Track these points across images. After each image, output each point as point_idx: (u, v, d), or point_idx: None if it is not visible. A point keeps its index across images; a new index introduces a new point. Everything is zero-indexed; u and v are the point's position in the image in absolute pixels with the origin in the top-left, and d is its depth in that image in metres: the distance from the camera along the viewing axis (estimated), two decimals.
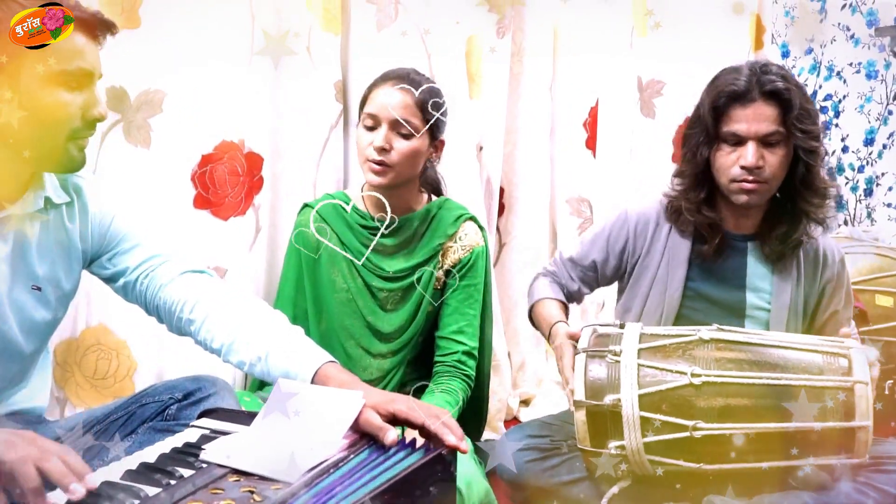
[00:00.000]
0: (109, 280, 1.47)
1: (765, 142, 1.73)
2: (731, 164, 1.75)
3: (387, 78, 1.85)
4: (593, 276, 1.98)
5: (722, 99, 1.74)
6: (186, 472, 1.08)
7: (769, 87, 1.71)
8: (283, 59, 2.08)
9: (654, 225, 1.91)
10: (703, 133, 1.78)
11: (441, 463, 1.19)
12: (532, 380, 2.63)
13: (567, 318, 1.86)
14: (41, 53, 1.19)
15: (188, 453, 1.15)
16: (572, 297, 1.98)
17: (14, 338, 1.32)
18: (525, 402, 2.58)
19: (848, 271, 1.94)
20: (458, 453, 1.22)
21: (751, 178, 1.73)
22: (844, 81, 3.21)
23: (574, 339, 1.71)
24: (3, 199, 1.27)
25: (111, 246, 1.43)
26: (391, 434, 1.16)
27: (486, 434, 2.22)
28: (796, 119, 1.71)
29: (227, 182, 2.05)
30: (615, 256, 1.94)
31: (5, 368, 1.34)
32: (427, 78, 1.90)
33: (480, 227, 1.97)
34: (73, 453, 0.99)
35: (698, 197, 1.83)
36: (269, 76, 2.10)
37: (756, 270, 1.87)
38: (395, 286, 1.90)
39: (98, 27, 1.26)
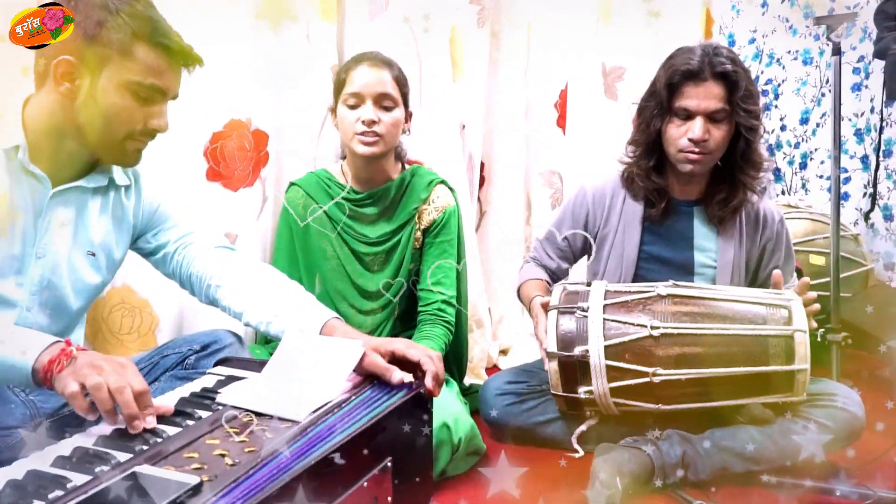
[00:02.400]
0: (151, 254, 1.47)
1: (711, 118, 1.72)
2: (680, 135, 1.74)
3: (361, 60, 1.82)
4: (568, 251, 1.97)
5: (677, 77, 1.72)
6: (204, 414, 1.07)
7: (720, 68, 1.69)
8: (273, 42, 2.03)
9: (611, 196, 1.91)
10: (658, 106, 1.77)
11: (419, 400, 1.20)
12: (509, 332, 2.63)
13: (549, 291, 1.84)
14: (124, 62, 1.20)
15: (206, 397, 1.14)
16: (554, 273, 1.97)
17: (66, 296, 1.32)
18: (504, 352, 2.58)
19: (788, 231, 1.93)
20: (443, 392, 1.26)
21: (696, 149, 1.73)
22: (783, 67, 3.20)
23: (546, 307, 1.73)
24: (74, 172, 1.28)
25: (156, 225, 1.45)
26: (396, 374, 1.17)
27: (470, 380, 2.22)
28: (741, 99, 1.71)
29: (236, 157, 2.02)
30: (580, 229, 1.94)
31: (53, 324, 1.32)
32: (392, 59, 1.86)
33: (451, 189, 1.95)
34: (147, 392, 1.01)
35: (648, 164, 1.83)
36: (274, 60, 2.06)
37: (702, 232, 1.86)
38: (379, 249, 1.89)
39: (186, 58, 1.27)
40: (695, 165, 1.76)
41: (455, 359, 1.98)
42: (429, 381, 1.19)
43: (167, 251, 1.45)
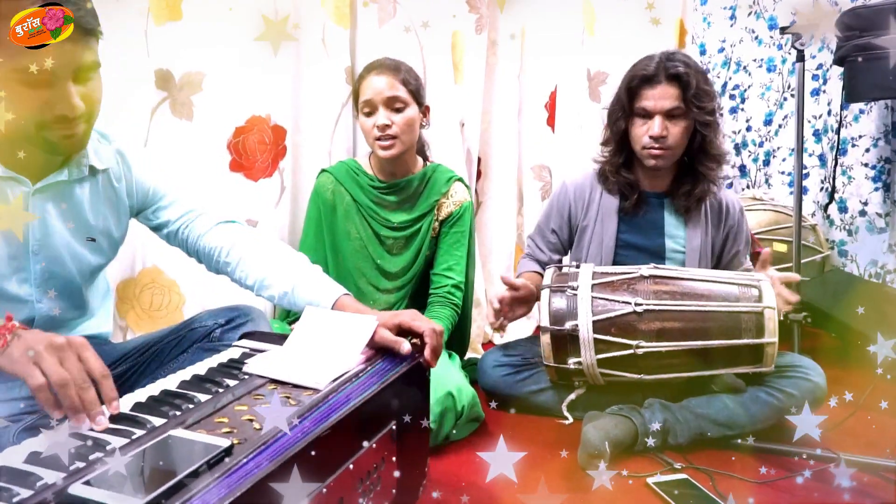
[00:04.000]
0: (155, 229, 1.39)
1: (669, 115, 1.71)
2: (643, 134, 1.74)
3: (370, 69, 1.78)
4: (558, 243, 1.94)
5: (635, 81, 1.73)
6: (232, 382, 1.04)
7: (672, 70, 1.70)
8: (290, 46, 1.98)
9: (589, 190, 1.89)
10: (621, 109, 1.77)
11: (418, 370, 1.18)
12: None
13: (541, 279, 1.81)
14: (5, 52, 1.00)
15: (232, 367, 1.11)
16: (548, 264, 1.92)
17: (73, 279, 1.25)
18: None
19: (747, 220, 1.93)
20: (447, 365, 1.26)
21: (657, 145, 1.73)
22: (749, 74, 3.17)
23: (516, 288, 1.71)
24: (44, 170, 1.17)
25: (153, 202, 1.35)
26: (405, 345, 1.14)
27: (469, 354, 2.19)
28: (694, 97, 1.70)
29: (256, 150, 1.98)
30: (565, 222, 1.92)
31: (70, 304, 1.28)
32: (401, 62, 1.82)
33: (467, 187, 1.93)
34: (109, 376, 0.88)
35: (618, 161, 1.82)
36: (292, 61, 2.02)
37: (671, 221, 1.84)
38: (400, 235, 1.86)
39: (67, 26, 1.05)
40: (657, 160, 1.75)
41: (459, 336, 1.95)
42: (427, 353, 1.16)
43: (170, 229, 1.36)
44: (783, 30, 2.27)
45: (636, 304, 1.60)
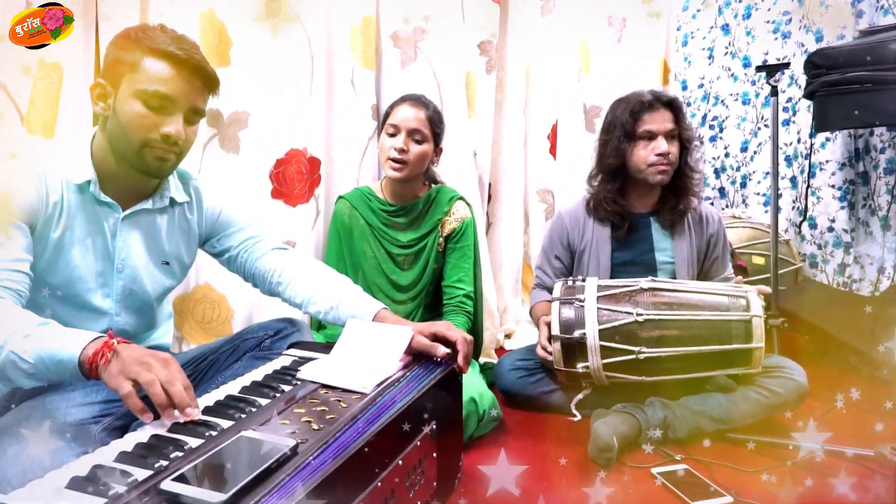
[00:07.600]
0: (217, 255, 1.41)
1: (667, 136, 1.77)
2: (648, 153, 1.77)
3: (405, 99, 1.80)
4: (562, 267, 1.94)
5: (638, 107, 1.77)
6: (287, 388, 1.04)
7: (665, 99, 1.78)
8: (324, 86, 2.01)
9: (583, 218, 1.90)
10: (623, 134, 1.78)
11: (452, 375, 1.19)
12: (512, 320, 2.60)
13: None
14: (135, 74, 1.07)
15: (285, 374, 1.12)
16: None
17: (148, 299, 1.28)
18: (508, 336, 2.55)
19: (726, 232, 1.95)
20: (469, 372, 1.26)
21: (664, 161, 1.76)
22: (727, 107, 3.18)
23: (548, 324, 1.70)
24: (139, 196, 1.22)
25: (219, 231, 1.38)
26: (440, 349, 1.15)
27: (483, 359, 2.19)
28: (682, 120, 1.79)
29: (295, 179, 2.00)
30: (564, 248, 1.92)
31: (142, 319, 1.29)
32: (432, 102, 1.84)
33: (468, 204, 1.91)
34: (191, 388, 0.91)
35: (615, 188, 1.82)
36: (325, 101, 2.04)
37: (659, 237, 1.85)
38: (409, 251, 1.85)
39: (195, 73, 1.11)
40: (663, 175, 1.78)
41: (473, 343, 1.95)
42: (460, 360, 1.17)
43: (231, 254, 1.39)
44: (759, 68, 2.28)
45: (637, 314, 1.60)
